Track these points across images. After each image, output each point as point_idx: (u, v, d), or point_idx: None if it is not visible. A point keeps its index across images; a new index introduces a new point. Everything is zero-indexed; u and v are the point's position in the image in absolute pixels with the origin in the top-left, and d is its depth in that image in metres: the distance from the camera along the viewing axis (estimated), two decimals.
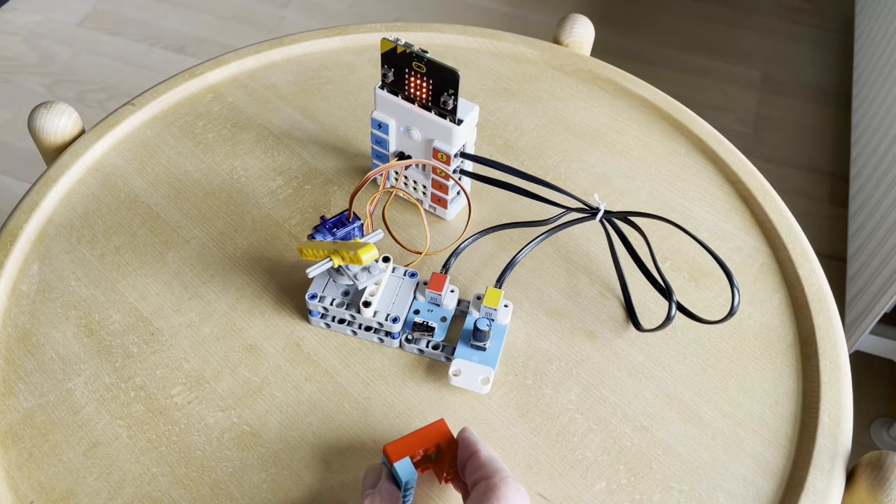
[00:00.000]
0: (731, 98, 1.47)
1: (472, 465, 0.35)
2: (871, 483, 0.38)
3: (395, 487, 0.35)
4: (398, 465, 0.35)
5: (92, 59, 1.48)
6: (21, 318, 0.45)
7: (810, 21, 1.64)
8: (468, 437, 0.36)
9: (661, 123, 0.58)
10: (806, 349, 0.45)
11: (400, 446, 0.36)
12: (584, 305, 0.47)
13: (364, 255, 0.38)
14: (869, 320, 0.96)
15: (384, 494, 0.35)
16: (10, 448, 0.40)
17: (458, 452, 0.36)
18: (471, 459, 0.35)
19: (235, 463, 0.40)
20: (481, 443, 0.36)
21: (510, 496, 0.33)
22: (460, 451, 0.36)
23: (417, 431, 0.36)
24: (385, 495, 0.35)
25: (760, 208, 0.52)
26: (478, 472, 0.34)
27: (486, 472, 0.34)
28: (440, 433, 0.36)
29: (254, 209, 0.51)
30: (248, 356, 0.44)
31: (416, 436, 0.36)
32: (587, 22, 0.62)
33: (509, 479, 0.34)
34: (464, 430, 0.37)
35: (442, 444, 0.36)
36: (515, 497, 0.33)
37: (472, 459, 0.35)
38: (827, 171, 1.35)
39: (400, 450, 0.35)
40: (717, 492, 0.39)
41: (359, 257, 0.38)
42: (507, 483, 0.33)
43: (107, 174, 0.52)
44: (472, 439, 0.36)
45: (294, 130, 0.56)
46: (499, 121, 0.57)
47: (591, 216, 0.47)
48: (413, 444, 0.36)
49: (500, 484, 0.33)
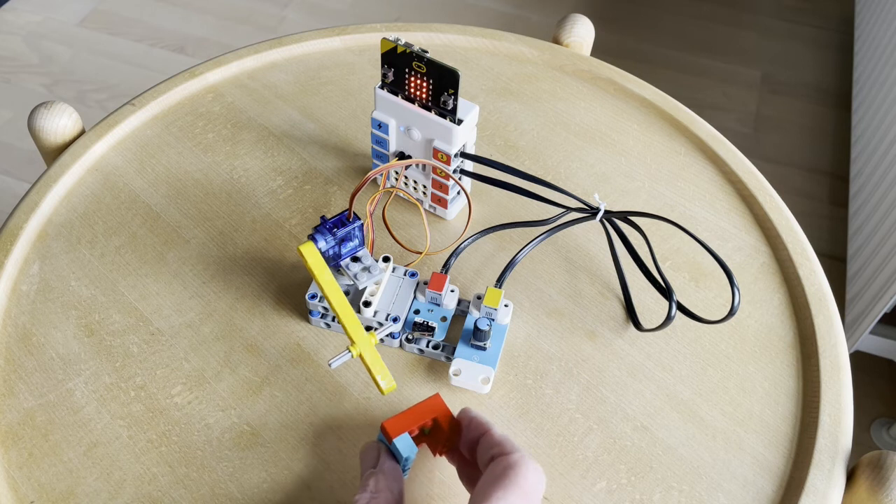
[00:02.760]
0: (731, 98, 1.47)
1: (487, 442, 0.34)
2: (871, 483, 0.38)
3: (395, 464, 0.35)
4: (398, 440, 0.35)
5: (92, 59, 1.48)
6: (21, 318, 0.45)
7: (810, 21, 1.64)
8: (477, 416, 0.36)
9: (661, 123, 0.58)
10: (806, 349, 0.45)
11: (398, 422, 0.36)
12: (585, 305, 0.47)
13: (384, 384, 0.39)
14: (869, 320, 0.96)
15: (387, 472, 0.35)
16: (10, 448, 0.40)
17: (464, 430, 0.36)
18: (484, 437, 0.35)
19: (235, 463, 0.40)
20: (491, 423, 0.36)
21: (530, 476, 0.32)
22: (469, 429, 0.36)
23: (414, 407, 0.36)
24: (388, 473, 0.35)
25: (760, 208, 0.52)
26: (493, 448, 0.34)
27: (504, 449, 0.34)
28: (436, 407, 0.36)
29: (254, 209, 0.51)
30: (248, 356, 0.44)
31: (412, 411, 0.36)
32: (587, 22, 0.62)
33: (528, 458, 0.33)
34: (467, 409, 0.37)
35: (439, 418, 0.36)
36: (535, 477, 0.33)
37: (486, 437, 0.35)
38: (827, 171, 1.35)
39: (398, 426, 0.35)
40: (717, 492, 0.39)
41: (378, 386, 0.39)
42: (527, 462, 0.33)
43: (107, 174, 0.52)
44: (483, 418, 0.36)
45: (294, 130, 0.56)
46: (499, 121, 0.57)
47: (591, 216, 0.47)
48: (410, 419, 0.36)
49: (520, 462, 0.33)
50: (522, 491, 0.32)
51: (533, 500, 0.32)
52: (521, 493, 0.32)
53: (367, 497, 0.33)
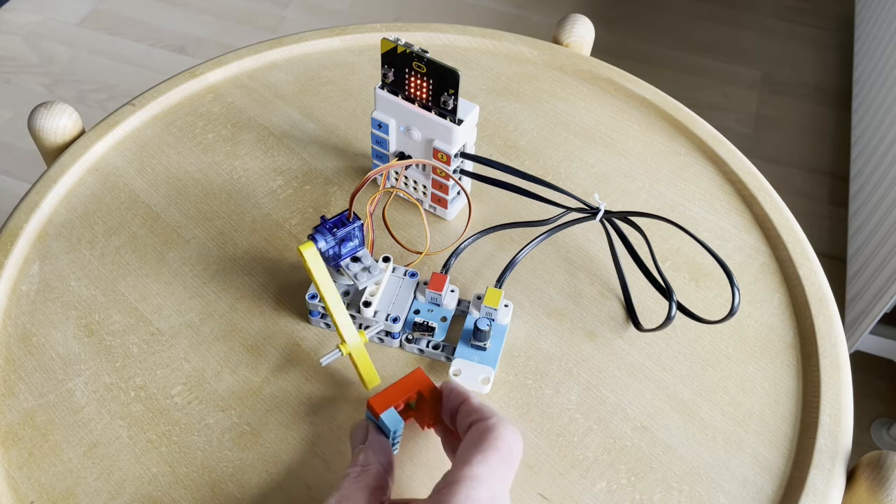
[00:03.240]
0: (731, 98, 1.47)
1: (465, 409, 0.35)
2: (871, 483, 0.38)
3: (384, 438, 0.36)
4: (385, 415, 0.36)
5: (92, 59, 1.48)
6: (21, 318, 0.45)
7: (810, 21, 1.64)
8: (456, 387, 0.37)
9: (661, 123, 0.58)
10: (806, 349, 0.45)
11: (383, 398, 0.36)
12: (585, 305, 0.47)
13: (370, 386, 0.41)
14: (869, 320, 0.96)
15: (375, 447, 0.36)
16: (10, 448, 0.40)
17: (444, 400, 0.37)
18: (463, 405, 0.36)
19: (235, 463, 0.40)
20: (471, 392, 0.37)
21: (507, 438, 0.33)
22: (449, 399, 0.37)
23: (397, 382, 0.37)
24: (377, 447, 0.36)
25: (760, 208, 0.52)
26: (472, 415, 0.35)
27: (482, 415, 0.35)
28: (419, 381, 0.37)
29: (254, 209, 0.51)
30: (248, 356, 0.44)
31: (396, 386, 0.37)
32: (587, 22, 0.62)
33: (505, 422, 0.34)
34: (447, 381, 0.38)
35: (422, 391, 0.37)
36: (512, 439, 0.34)
37: (465, 405, 0.36)
38: (827, 171, 1.35)
39: (384, 401, 0.36)
40: (717, 492, 0.39)
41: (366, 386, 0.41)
42: (504, 425, 0.34)
43: (107, 174, 0.52)
44: (461, 388, 0.37)
45: (294, 130, 0.56)
46: (499, 121, 0.57)
47: (591, 216, 0.47)
48: (395, 394, 0.37)
49: (497, 425, 0.34)
50: (500, 453, 0.33)
51: (511, 460, 0.33)
52: (500, 455, 0.33)
53: (358, 470, 0.34)
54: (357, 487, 0.34)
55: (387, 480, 0.35)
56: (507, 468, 0.33)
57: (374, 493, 0.34)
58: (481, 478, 0.32)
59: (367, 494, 0.33)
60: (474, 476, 0.32)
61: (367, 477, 0.34)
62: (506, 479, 0.33)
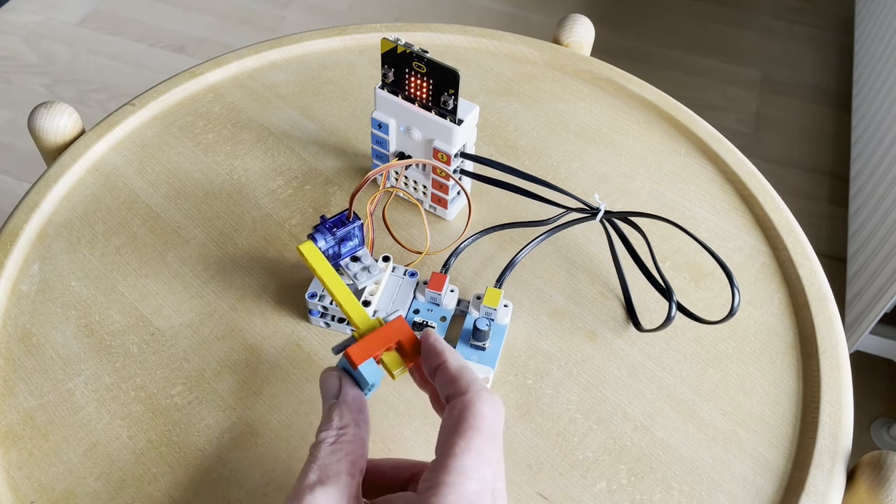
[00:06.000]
0: (731, 98, 1.47)
1: (442, 378, 0.33)
2: (871, 483, 0.38)
3: (359, 392, 0.33)
4: (363, 367, 0.33)
5: (92, 59, 1.48)
6: (21, 318, 0.45)
7: (810, 21, 1.64)
8: (433, 345, 0.34)
9: (661, 123, 0.58)
10: (806, 349, 0.45)
11: (362, 348, 0.33)
12: (585, 305, 0.47)
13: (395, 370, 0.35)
14: (869, 320, 0.96)
15: (350, 403, 0.33)
16: (10, 448, 0.40)
17: (423, 356, 0.34)
18: (439, 371, 0.33)
19: (235, 463, 0.40)
20: (449, 350, 0.33)
21: (486, 413, 0.31)
22: (426, 359, 0.34)
23: (377, 331, 0.34)
24: (352, 404, 0.33)
25: (760, 208, 0.52)
26: (450, 386, 0.32)
27: (459, 388, 0.32)
28: (399, 330, 0.34)
29: (254, 209, 0.51)
30: (248, 356, 0.44)
31: (376, 335, 0.34)
32: (587, 22, 0.62)
33: (483, 393, 0.31)
34: (427, 334, 0.34)
35: (402, 341, 0.34)
36: (491, 412, 0.31)
37: (441, 372, 0.33)
38: (827, 171, 1.35)
39: (363, 352, 0.33)
40: (717, 492, 0.39)
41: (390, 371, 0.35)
42: (481, 398, 0.31)
43: (107, 174, 0.52)
44: (438, 347, 0.33)
45: (294, 130, 0.56)
46: (499, 121, 0.57)
47: (591, 216, 0.47)
48: (374, 343, 0.34)
49: (474, 400, 0.31)
50: (481, 434, 0.31)
51: (494, 436, 0.31)
52: (481, 436, 0.31)
53: (334, 435, 0.32)
54: (336, 459, 0.31)
55: (365, 446, 0.32)
56: (490, 446, 0.31)
57: (355, 464, 0.31)
58: (467, 470, 0.30)
59: (348, 466, 0.31)
60: (460, 470, 0.30)
61: (345, 444, 0.32)
62: (492, 458, 0.31)
